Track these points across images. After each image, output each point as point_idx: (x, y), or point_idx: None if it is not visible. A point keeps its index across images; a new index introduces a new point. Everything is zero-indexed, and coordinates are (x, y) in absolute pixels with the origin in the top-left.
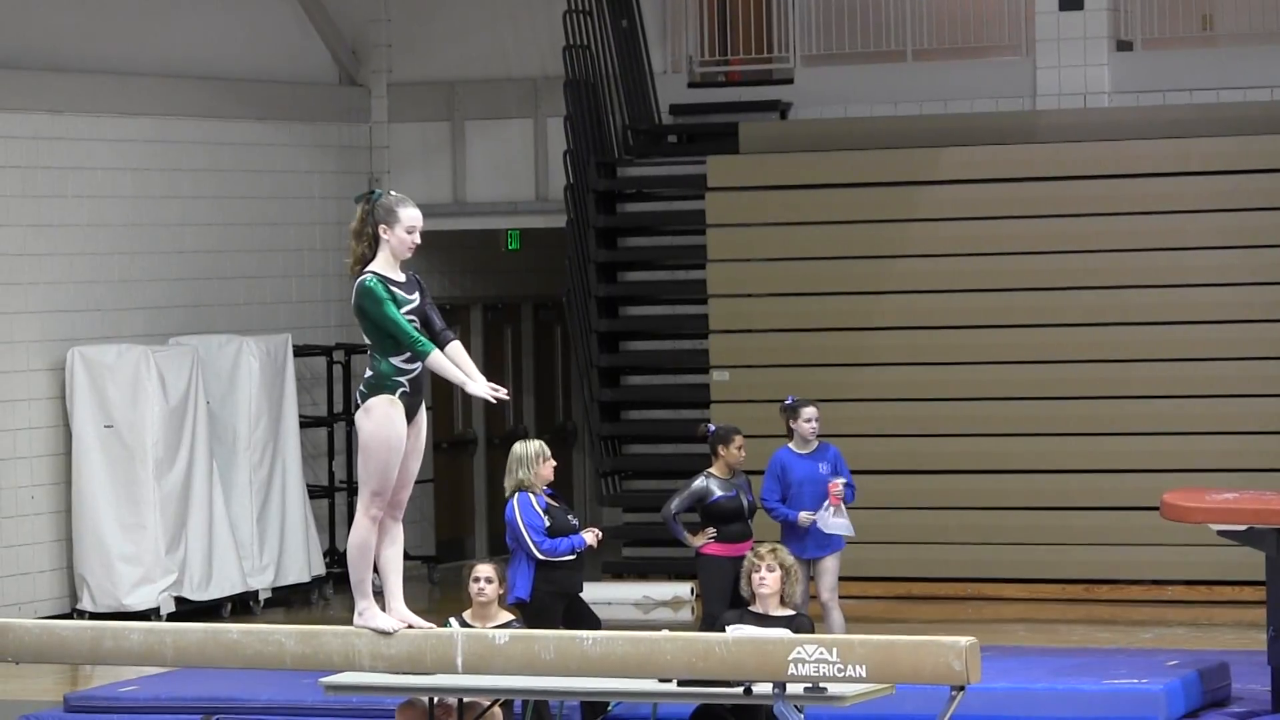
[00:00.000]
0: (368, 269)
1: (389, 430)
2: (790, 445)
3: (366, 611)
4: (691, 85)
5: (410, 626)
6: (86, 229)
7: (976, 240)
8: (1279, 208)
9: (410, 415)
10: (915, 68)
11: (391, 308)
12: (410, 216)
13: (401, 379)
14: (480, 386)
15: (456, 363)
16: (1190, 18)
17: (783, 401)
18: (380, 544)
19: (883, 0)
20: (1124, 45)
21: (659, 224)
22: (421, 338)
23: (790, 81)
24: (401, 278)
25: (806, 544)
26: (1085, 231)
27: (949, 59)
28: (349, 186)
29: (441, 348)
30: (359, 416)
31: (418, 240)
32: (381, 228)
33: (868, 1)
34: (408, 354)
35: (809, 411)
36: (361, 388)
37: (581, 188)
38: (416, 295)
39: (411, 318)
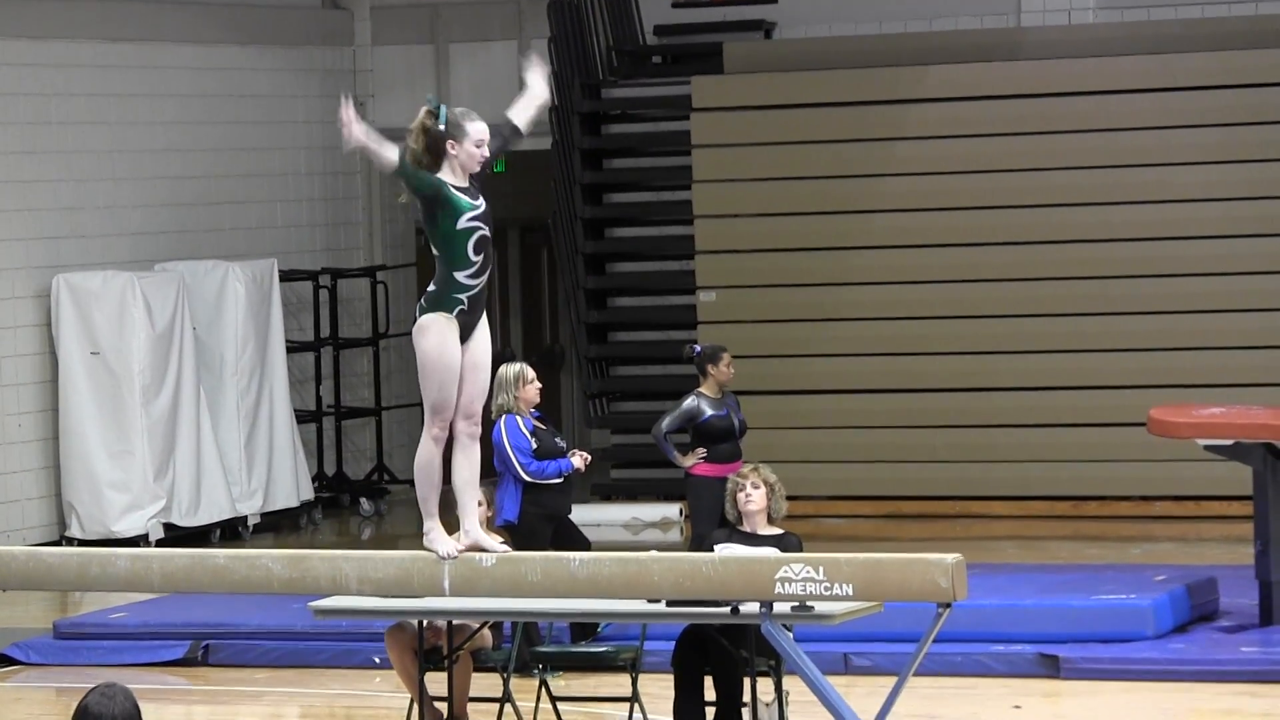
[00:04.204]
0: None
1: (444, 349)
2: None
3: (432, 532)
4: (675, 5)
5: (481, 549)
6: (70, 155)
7: (962, 158)
8: (1263, 122)
9: (466, 333)
10: None
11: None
12: (478, 130)
13: (462, 296)
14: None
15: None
16: None
17: None
18: (455, 463)
19: None
20: None
21: (644, 145)
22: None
23: (774, 1)
24: (464, 184)
25: None
26: (1070, 148)
27: None
28: (333, 110)
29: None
30: (415, 333)
31: (486, 154)
32: (449, 143)
33: None
34: (473, 269)
35: None
36: (423, 301)
37: (566, 109)
38: (482, 201)
39: (479, 225)
